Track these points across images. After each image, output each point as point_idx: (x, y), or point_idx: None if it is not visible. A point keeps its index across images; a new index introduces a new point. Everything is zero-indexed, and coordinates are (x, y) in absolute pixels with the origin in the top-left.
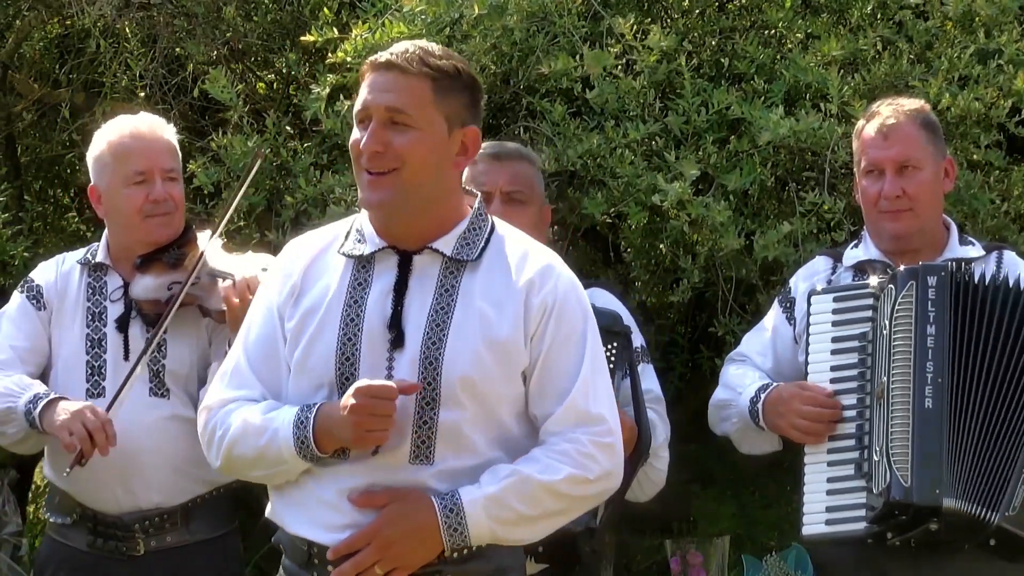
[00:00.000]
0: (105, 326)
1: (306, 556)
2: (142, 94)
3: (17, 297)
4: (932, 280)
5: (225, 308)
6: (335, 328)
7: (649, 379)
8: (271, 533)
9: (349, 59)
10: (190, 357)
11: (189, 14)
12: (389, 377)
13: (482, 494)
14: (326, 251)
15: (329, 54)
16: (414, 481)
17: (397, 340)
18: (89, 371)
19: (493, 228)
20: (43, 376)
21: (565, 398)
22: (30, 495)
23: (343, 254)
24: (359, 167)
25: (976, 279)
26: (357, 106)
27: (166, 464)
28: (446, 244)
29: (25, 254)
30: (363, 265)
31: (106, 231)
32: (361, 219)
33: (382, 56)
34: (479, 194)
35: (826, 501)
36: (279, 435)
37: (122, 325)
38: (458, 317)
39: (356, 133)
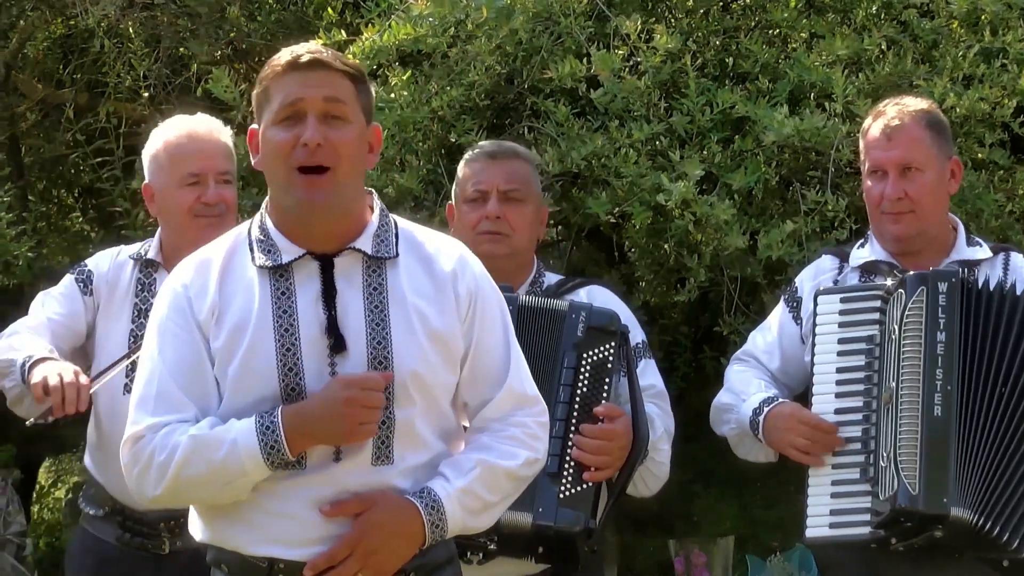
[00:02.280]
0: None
1: (265, 573)
2: (146, 94)
3: (67, 279)
4: (942, 286)
5: None
6: (270, 341)
7: (651, 375)
8: None
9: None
10: None
11: (192, 14)
12: None
13: (454, 488)
14: (232, 264)
15: None
16: (380, 483)
17: (338, 345)
18: (129, 366)
19: (397, 224)
20: (77, 359)
21: (503, 383)
22: (34, 495)
23: (259, 267)
24: (288, 167)
25: (987, 286)
26: (282, 102)
27: None
28: (365, 243)
29: (29, 254)
30: (280, 274)
31: (159, 229)
32: (260, 226)
33: (301, 55)
34: (374, 191)
35: (830, 504)
36: (239, 445)
37: None
38: (396, 314)
39: (280, 134)
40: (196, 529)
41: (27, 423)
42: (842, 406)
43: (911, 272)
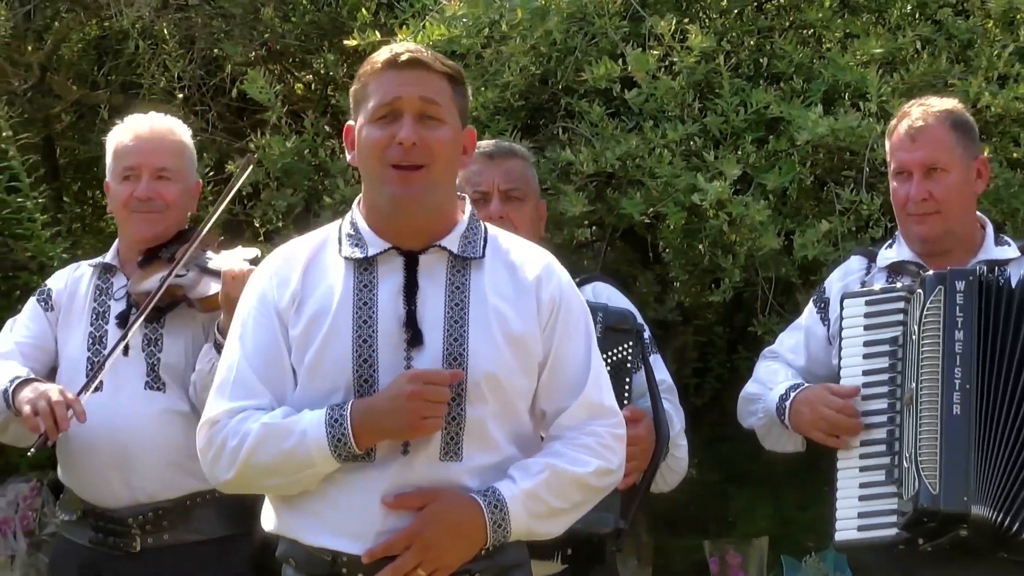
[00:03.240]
0: (107, 324)
1: (329, 566)
2: (180, 95)
3: (30, 301)
4: (960, 285)
5: (206, 296)
6: (348, 331)
7: (660, 370)
8: None
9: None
10: (185, 351)
11: (227, 15)
12: None
13: (520, 489)
14: (319, 257)
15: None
16: (447, 478)
17: (415, 339)
18: (90, 367)
19: (486, 228)
20: (50, 376)
21: (579, 392)
22: None
23: (344, 257)
24: (382, 164)
25: (1008, 284)
26: (380, 101)
27: (160, 456)
28: (452, 242)
29: (64, 255)
30: (365, 267)
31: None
32: (351, 222)
33: (401, 54)
34: (466, 196)
35: (858, 507)
36: (308, 437)
37: (123, 321)
38: (475, 313)
39: (376, 132)
40: (267, 520)
41: (28, 454)
42: (868, 408)
43: (930, 272)
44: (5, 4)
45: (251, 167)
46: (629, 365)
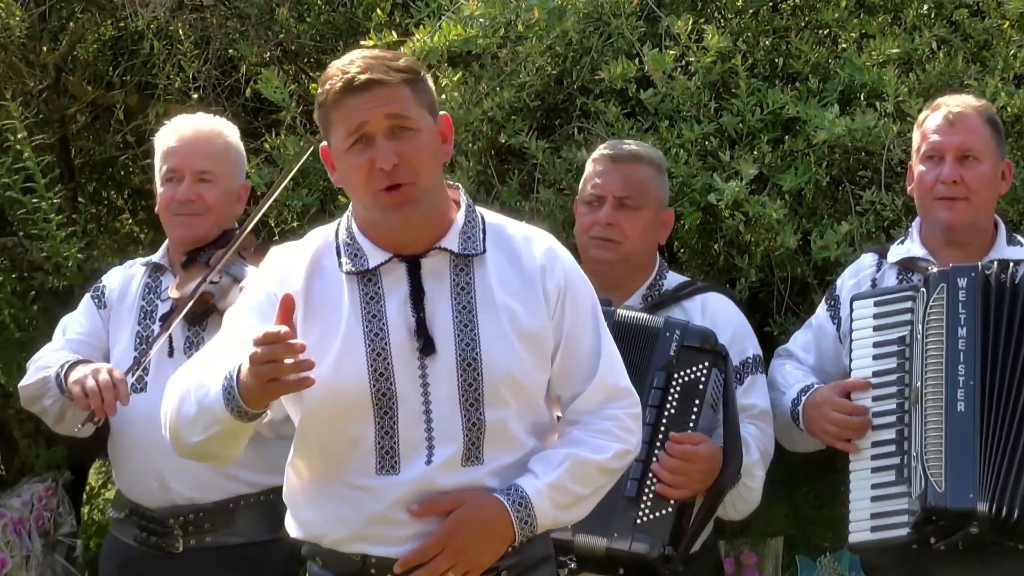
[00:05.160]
0: (153, 323)
1: (359, 567)
2: (195, 95)
3: (85, 298)
4: (962, 281)
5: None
6: (360, 346)
7: (757, 393)
8: None
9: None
10: None
11: (242, 15)
12: (425, 387)
13: (544, 483)
14: (320, 267)
15: None
16: (469, 482)
17: (427, 347)
18: (133, 365)
19: (483, 218)
20: None
21: (593, 376)
22: (84, 496)
23: (345, 272)
24: (369, 189)
25: (1012, 279)
26: (347, 130)
27: None
28: (451, 241)
29: (79, 256)
30: (368, 279)
31: None
32: (347, 229)
33: (354, 79)
34: (459, 186)
35: (871, 508)
36: (212, 389)
37: (166, 321)
38: (484, 314)
39: (354, 159)
40: (291, 527)
41: (75, 429)
42: (878, 409)
43: (933, 269)
44: (21, 5)
45: (311, 149)
46: (701, 387)
